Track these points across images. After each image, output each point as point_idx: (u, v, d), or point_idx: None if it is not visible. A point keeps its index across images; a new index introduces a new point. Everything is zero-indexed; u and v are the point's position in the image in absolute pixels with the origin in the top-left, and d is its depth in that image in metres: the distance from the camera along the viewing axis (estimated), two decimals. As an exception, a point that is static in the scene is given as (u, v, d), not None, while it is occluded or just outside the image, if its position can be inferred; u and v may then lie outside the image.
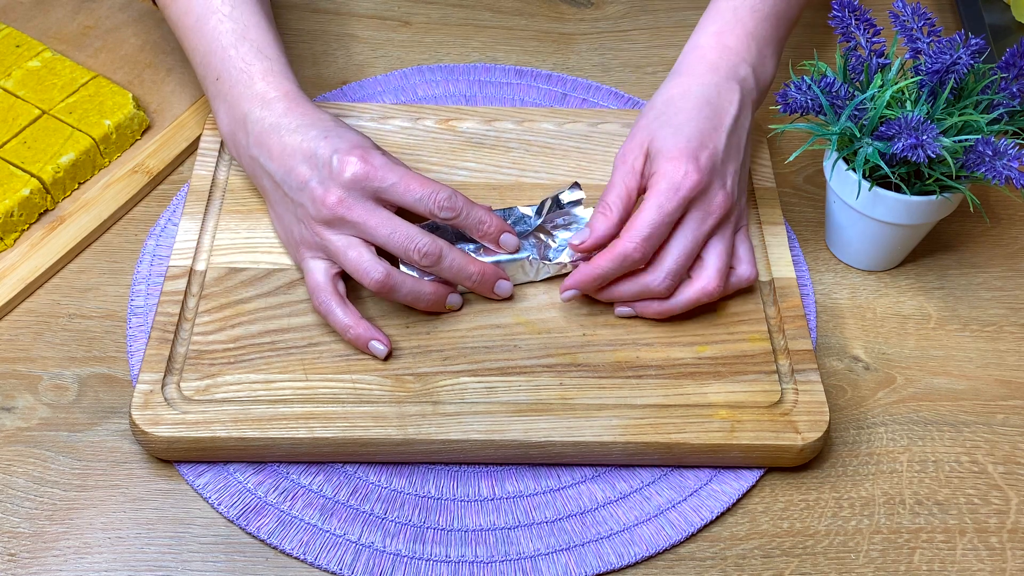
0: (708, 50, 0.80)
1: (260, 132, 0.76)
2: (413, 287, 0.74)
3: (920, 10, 0.76)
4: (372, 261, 0.73)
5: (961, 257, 0.85)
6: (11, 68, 0.88)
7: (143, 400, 0.71)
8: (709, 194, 0.75)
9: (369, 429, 0.70)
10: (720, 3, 0.82)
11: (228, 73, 0.79)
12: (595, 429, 0.71)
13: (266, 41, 0.80)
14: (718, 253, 0.75)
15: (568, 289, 0.76)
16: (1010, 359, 0.79)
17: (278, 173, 0.75)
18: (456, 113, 0.89)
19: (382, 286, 0.73)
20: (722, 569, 0.69)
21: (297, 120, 0.76)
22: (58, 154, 0.83)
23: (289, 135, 0.75)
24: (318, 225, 0.73)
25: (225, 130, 0.79)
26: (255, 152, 0.76)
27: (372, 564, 0.68)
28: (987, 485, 0.73)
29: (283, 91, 0.78)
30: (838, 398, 0.77)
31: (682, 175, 0.73)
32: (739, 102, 0.78)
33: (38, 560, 0.67)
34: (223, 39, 0.79)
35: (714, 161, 0.75)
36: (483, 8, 1.02)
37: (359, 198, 0.73)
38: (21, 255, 0.80)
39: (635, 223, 0.73)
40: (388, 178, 0.73)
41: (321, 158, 0.73)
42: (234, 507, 0.69)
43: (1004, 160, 0.71)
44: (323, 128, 0.75)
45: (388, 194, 0.73)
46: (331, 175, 0.73)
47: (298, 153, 0.74)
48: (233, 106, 0.78)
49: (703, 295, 0.75)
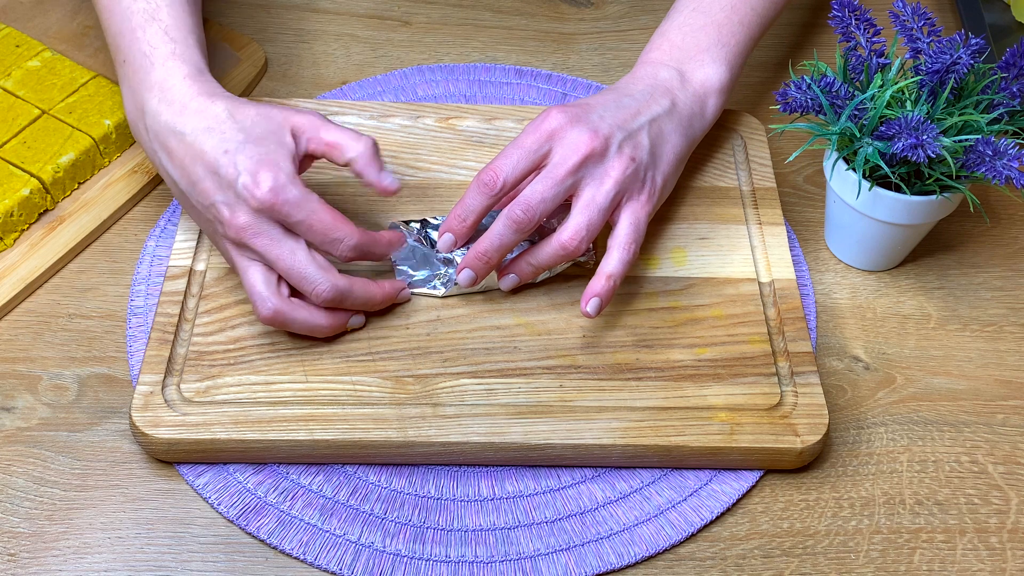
0: (635, 68, 0.83)
1: (158, 130, 0.73)
2: (306, 320, 0.73)
3: (920, 10, 0.76)
4: (262, 295, 0.71)
5: (961, 257, 0.85)
6: (11, 68, 0.88)
7: (143, 402, 0.71)
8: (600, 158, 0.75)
9: (369, 431, 0.70)
10: (657, 31, 0.85)
11: (132, 56, 0.75)
12: (595, 431, 0.71)
13: (177, 23, 0.76)
14: (587, 213, 0.74)
15: (465, 268, 0.75)
16: (1010, 359, 0.79)
17: (182, 181, 0.73)
18: (456, 112, 0.89)
19: (272, 320, 0.72)
20: (722, 569, 0.69)
21: (193, 121, 0.72)
22: (58, 154, 0.83)
23: (186, 140, 0.72)
24: (227, 242, 0.72)
25: (129, 118, 0.76)
26: (156, 147, 0.74)
27: (372, 564, 0.68)
28: (987, 485, 0.73)
29: (182, 74, 0.74)
30: (838, 398, 0.77)
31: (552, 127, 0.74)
32: (648, 90, 0.79)
33: (38, 560, 0.67)
34: (133, 19, 0.76)
35: (591, 120, 0.75)
36: (483, 8, 1.02)
37: (266, 226, 0.71)
38: (21, 255, 0.80)
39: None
40: (294, 215, 0.70)
41: (224, 178, 0.71)
42: (234, 507, 0.69)
43: (1004, 160, 0.71)
44: (221, 135, 0.71)
45: (294, 228, 0.71)
46: (237, 198, 0.70)
47: (199, 162, 0.71)
48: (135, 93, 0.75)
49: (558, 248, 0.74)
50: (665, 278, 0.80)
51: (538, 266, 0.76)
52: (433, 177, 0.85)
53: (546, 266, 0.76)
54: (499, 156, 0.74)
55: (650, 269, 0.80)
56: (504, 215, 0.73)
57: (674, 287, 0.79)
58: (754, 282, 0.80)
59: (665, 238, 0.82)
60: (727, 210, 0.84)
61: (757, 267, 0.80)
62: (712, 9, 0.83)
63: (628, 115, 0.77)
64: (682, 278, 0.80)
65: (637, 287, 0.79)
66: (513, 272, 0.76)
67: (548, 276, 0.79)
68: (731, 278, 0.80)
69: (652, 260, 0.81)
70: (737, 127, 0.89)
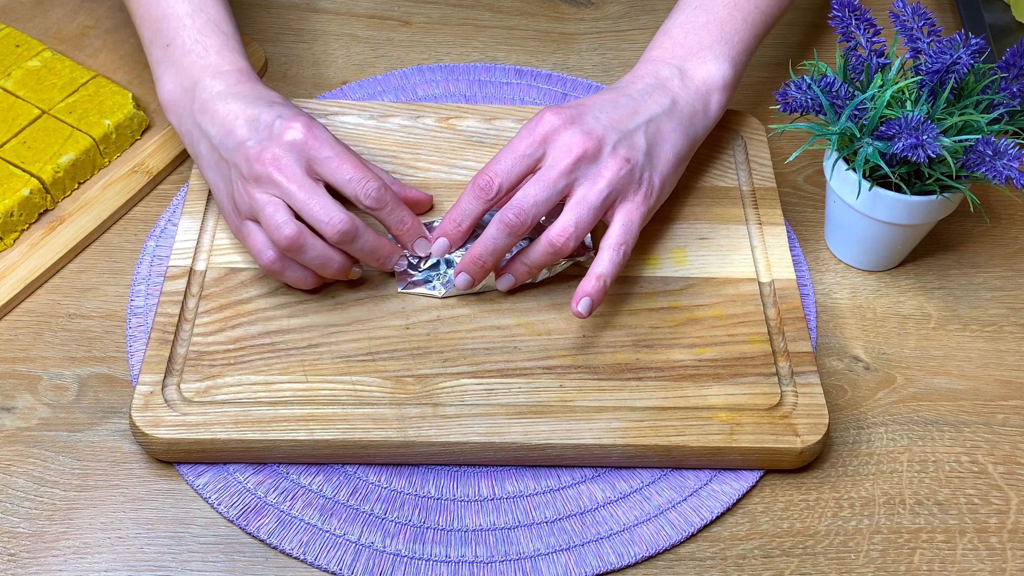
0: (636, 66, 0.83)
1: (207, 99, 0.76)
2: (322, 252, 0.73)
3: (920, 10, 0.76)
4: (287, 219, 0.72)
5: (961, 257, 0.85)
6: (11, 68, 0.88)
7: (143, 402, 0.71)
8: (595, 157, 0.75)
9: (369, 431, 0.70)
10: (660, 29, 0.84)
11: (181, 41, 0.79)
12: (595, 431, 0.71)
13: (222, 17, 0.80)
14: (576, 211, 0.74)
15: (461, 272, 0.75)
16: (1010, 359, 0.79)
17: (217, 136, 0.75)
18: (456, 111, 0.89)
19: (291, 243, 0.72)
20: (722, 569, 0.69)
21: (247, 91, 0.76)
22: (58, 154, 0.83)
23: (236, 102, 0.75)
24: (249, 183, 0.73)
25: (168, 96, 0.79)
26: (198, 118, 0.76)
27: (372, 564, 0.68)
28: (987, 485, 0.73)
29: (236, 67, 0.78)
30: (838, 398, 0.77)
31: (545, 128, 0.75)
32: (647, 88, 0.79)
33: (38, 560, 0.67)
34: (179, 8, 0.79)
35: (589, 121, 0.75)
36: (483, 8, 1.02)
37: (292, 161, 0.72)
38: (21, 255, 0.80)
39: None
40: (324, 151, 0.73)
41: (263, 122, 0.74)
42: (234, 507, 0.69)
43: (1004, 160, 0.71)
44: (270, 100, 0.76)
45: (321, 166, 0.73)
46: (270, 136, 0.73)
47: (241, 117, 0.75)
48: (183, 73, 0.78)
49: (547, 246, 0.74)
50: (665, 278, 0.80)
51: (531, 265, 0.76)
52: (433, 177, 0.85)
53: (539, 265, 0.76)
54: (494, 160, 0.75)
55: (650, 269, 0.80)
56: (497, 219, 0.73)
57: (674, 287, 0.79)
58: (754, 282, 0.80)
59: (665, 238, 0.82)
60: (727, 210, 0.84)
61: (757, 267, 0.80)
62: (715, 7, 0.83)
63: (624, 115, 0.77)
64: (682, 278, 0.80)
65: (637, 287, 0.79)
66: (509, 273, 0.77)
67: (548, 276, 0.79)
68: (731, 278, 0.80)
69: (652, 260, 0.81)
70: (737, 127, 0.89)
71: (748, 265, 0.81)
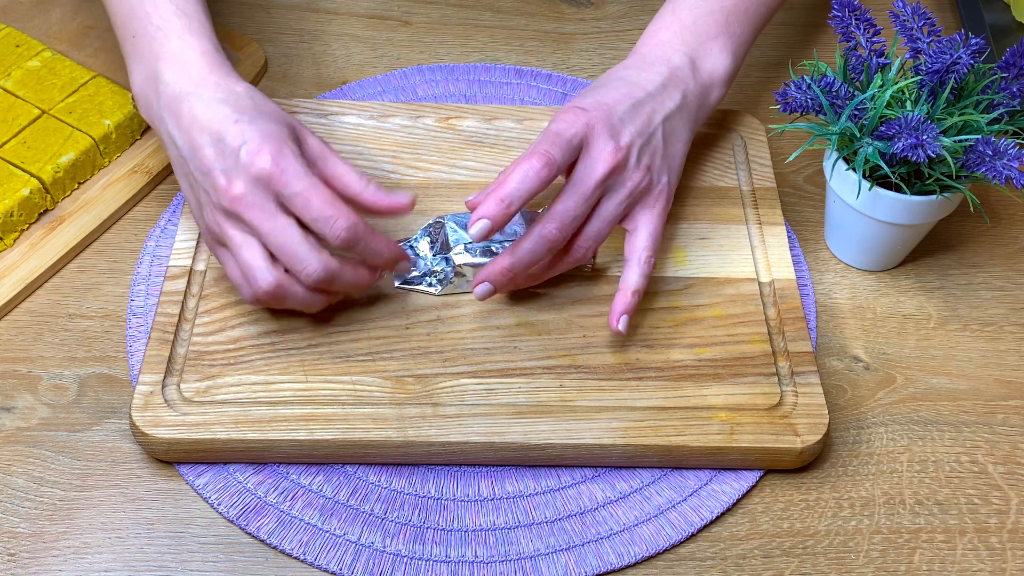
0: (642, 46, 0.82)
1: (170, 96, 0.73)
2: (303, 297, 0.72)
3: (920, 10, 0.76)
4: (265, 268, 0.70)
5: (961, 257, 0.85)
6: (11, 68, 0.88)
7: (143, 402, 0.71)
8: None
9: (369, 431, 0.70)
10: (665, 6, 0.83)
11: (144, 30, 0.75)
12: (595, 431, 0.71)
13: (188, 1, 0.76)
14: (596, 223, 0.75)
15: (483, 283, 0.75)
16: (1010, 359, 0.79)
17: (184, 147, 0.72)
18: (456, 111, 0.89)
19: (270, 296, 0.71)
20: (722, 569, 0.69)
21: (210, 91, 0.72)
22: (58, 154, 0.83)
23: (199, 105, 0.71)
24: (219, 214, 0.71)
25: (137, 89, 0.76)
26: (164, 115, 0.73)
27: (372, 564, 0.68)
28: (987, 485, 0.73)
29: (199, 50, 0.74)
30: (838, 398, 0.77)
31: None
32: (662, 82, 0.78)
33: (38, 560, 0.67)
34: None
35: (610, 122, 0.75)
36: (483, 8, 1.02)
37: (260, 198, 0.69)
38: (21, 255, 0.80)
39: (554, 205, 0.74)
40: (291, 186, 0.69)
41: (229, 145, 0.70)
42: (234, 507, 0.69)
43: (1004, 160, 0.71)
44: (236, 107, 0.71)
45: (289, 203, 0.69)
46: (236, 166, 0.69)
47: (205, 130, 0.71)
48: (147, 64, 0.75)
49: (567, 257, 0.76)
50: (665, 278, 0.80)
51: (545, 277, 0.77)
52: (433, 177, 0.85)
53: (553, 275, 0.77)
54: (539, 152, 0.72)
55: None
56: (537, 232, 0.73)
57: (674, 287, 0.79)
58: (754, 282, 0.80)
59: (665, 238, 0.82)
60: (727, 210, 0.84)
61: (757, 267, 0.80)
62: None
63: (645, 120, 0.76)
64: (682, 278, 0.80)
65: (637, 287, 0.79)
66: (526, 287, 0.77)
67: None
68: (731, 278, 0.80)
69: (652, 260, 0.81)
70: (737, 127, 0.89)
71: (748, 265, 0.81)
